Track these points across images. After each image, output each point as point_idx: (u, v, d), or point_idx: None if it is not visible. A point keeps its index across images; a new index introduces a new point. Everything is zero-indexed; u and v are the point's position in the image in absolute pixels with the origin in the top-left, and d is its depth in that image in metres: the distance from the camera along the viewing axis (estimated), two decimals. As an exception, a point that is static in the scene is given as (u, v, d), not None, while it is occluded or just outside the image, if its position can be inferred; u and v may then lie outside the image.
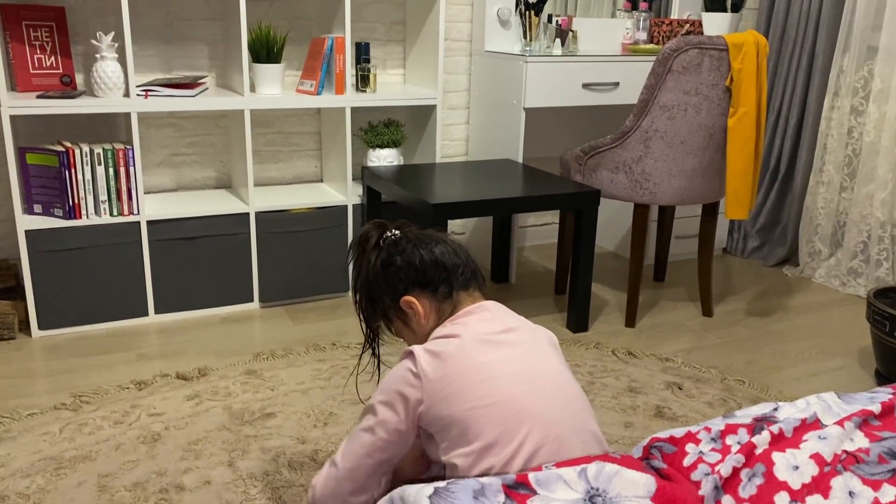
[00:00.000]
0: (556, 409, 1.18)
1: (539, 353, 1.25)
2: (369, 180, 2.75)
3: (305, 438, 1.97)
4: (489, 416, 1.14)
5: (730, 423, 1.12)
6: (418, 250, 1.31)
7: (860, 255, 3.16)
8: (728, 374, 2.40)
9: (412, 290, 1.31)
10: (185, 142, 2.91)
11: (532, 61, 2.86)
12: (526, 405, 1.16)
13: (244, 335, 2.58)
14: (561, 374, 1.24)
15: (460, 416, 1.15)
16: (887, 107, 3.00)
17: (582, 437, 1.18)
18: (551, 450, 1.14)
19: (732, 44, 2.46)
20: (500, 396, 1.15)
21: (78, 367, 2.32)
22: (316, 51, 2.77)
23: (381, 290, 1.34)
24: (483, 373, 1.17)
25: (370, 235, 1.37)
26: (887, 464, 0.98)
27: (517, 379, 1.18)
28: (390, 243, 1.35)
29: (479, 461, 1.13)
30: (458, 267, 1.32)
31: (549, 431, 1.15)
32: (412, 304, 1.31)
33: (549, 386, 1.20)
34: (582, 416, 1.21)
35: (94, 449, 1.89)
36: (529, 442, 1.13)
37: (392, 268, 1.32)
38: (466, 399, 1.16)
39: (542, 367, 1.22)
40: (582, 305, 2.65)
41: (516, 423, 1.14)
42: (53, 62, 2.58)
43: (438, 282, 1.30)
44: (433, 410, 1.19)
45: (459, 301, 1.32)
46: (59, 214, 2.49)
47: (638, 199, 2.64)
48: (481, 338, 1.22)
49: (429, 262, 1.30)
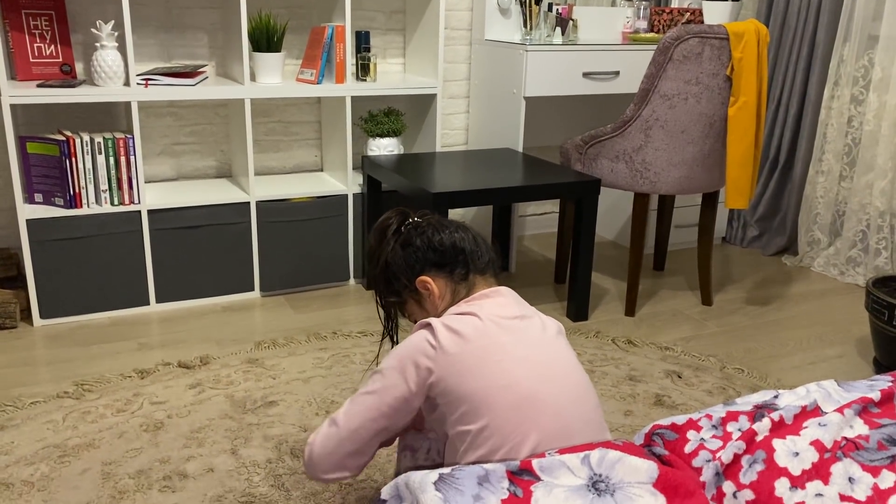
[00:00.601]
0: (565, 396, 1.19)
1: (550, 341, 1.27)
2: (369, 169, 2.75)
3: (307, 426, 1.98)
4: (500, 398, 1.16)
5: (731, 411, 1.13)
6: (438, 233, 1.34)
7: (859, 244, 3.17)
8: (727, 362, 2.41)
9: (429, 270, 1.34)
10: (186, 131, 2.91)
11: (532, 50, 2.86)
12: (536, 391, 1.17)
13: (245, 324, 2.59)
14: (570, 363, 1.26)
15: (471, 393, 1.17)
16: (887, 96, 3.01)
17: (590, 424, 1.20)
18: (559, 436, 1.15)
19: (733, 33, 2.45)
20: (511, 379, 1.17)
21: (80, 356, 2.33)
22: (316, 40, 2.76)
23: (400, 269, 1.36)
24: (498, 354, 1.19)
25: (391, 221, 1.40)
26: (886, 450, 0.99)
27: (529, 365, 1.20)
28: (411, 227, 1.37)
29: (486, 440, 1.15)
30: (477, 251, 1.35)
31: (557, 418, 1.17)
32: (428, 283, 1.33)
33: (559, 374, 1.22)
34: (590, 405, 1.23)
35: (97, 437, 1.90)
36: (537, 427, 1.15)
37: (411, 248, 1.35)
38: (479, 377, 1.17)
39: (552, 355, 1.24)
40: (582, 294, 2.66)
41: (526, 407, 1.16)
42: (53, 51, 2.57)
43: (456, 264, 1.33)
44: (444, 383, 1.20)
45: (475, 284, 1.34)
46: (60, 203, 2.50)
47: (638, 189, 2.64)
48: (497, 321, 1.24)
49: (448, 245, 1.33)
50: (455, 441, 1.21)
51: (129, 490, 1.70)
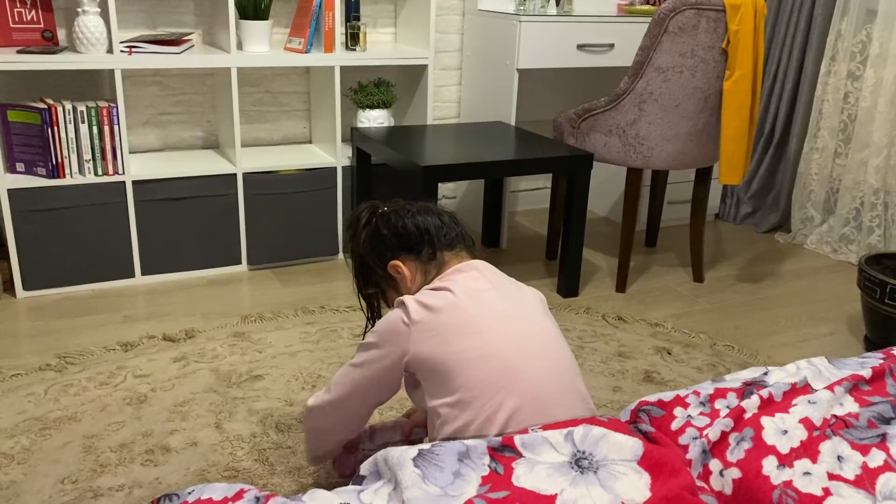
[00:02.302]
0: (541, 367, 1.20)
1: (527, 312, 1.28)
2: (359, 142, 2.71)
3: (293, 401, 1.95)
4: (473, 369, 1.17)
5: (719, 388, 1.11)
6: (402, 218, 1.39)
7: (852, 221, 3.14)
8: (717, 339, 2.39)
9: (398, 254, 1.38)
10: (172, 101, 2.85)
11: (526, 21, 2.80)
12: (511, 362, 1.18)
13: (232, 297, 2.56)
14: (548, 333, 1.26)
15: (445, 365, 1.19)
16: (885, 71, 2.97)
17: (567, 395, 1.20)
18: (534, 408, 1.16)
19: (730, 5, 2.41)
20: (486, 351, 1.18)
21: (63, 328, 2.30)
22: (305, 7, 2.70)
23: (372, 260, 1.41)
24: (471, 326, 1.20)
25: (362, 215, 1.45)
26: (876, 428, 0.97)
27: (504, 336, 1.21)
28: (378, 217, 1.42)
29: (462, 412, 1.16)
30: (442, 228, 1.38)
31: (533, 389, 1.17)
32: (398, 266, 1.38)
33: (535, 344, 1.22)
34: (568, 376, 1.23)
35: (79, 410, 1.88)
36: (512, 398, 1.15)
37: (378, 237, 1.40)
38: (452, 350, 1.19)
39: (529, 325, 1.25)
40: (573, 270, 2.63)
41: (500, 378, 1.16)
42: (34, 16, 2.51)
43: (422, 244, 1.36)
44: (419, 358, 1.22)
45: (445, 261, 1.37)
46: (43, 173, 2.45)
47: (631, 163, 2.61)
48: (470, 293, 1.26)
49: (411, 227, 1.37)
50: (433, 416, 1.23)
51: (111, 464, 1.68)
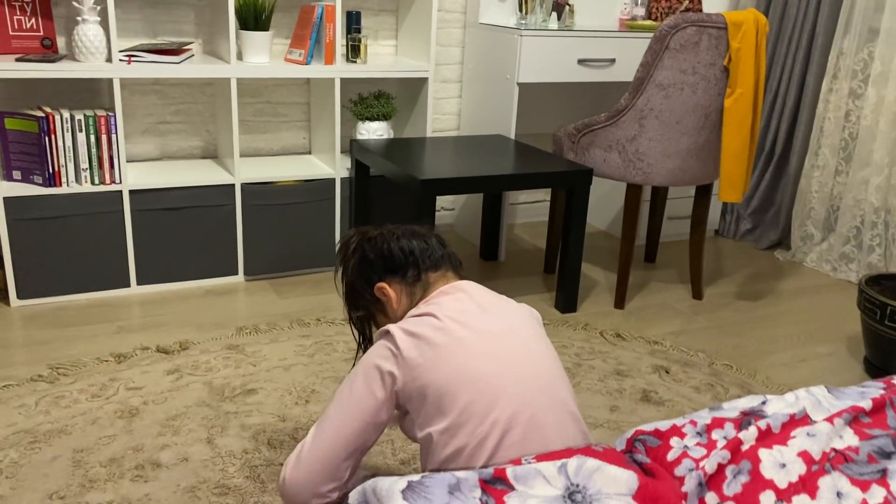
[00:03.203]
0: (531, 387, 1.18)
1: (518, 332, 1.26)
2: (358, 153, 2.70)
3: (286, 416, 1.93)
4: (462, 394, 1.16)
5: (716, 417, 1.09)
6: (387, 242, 1.40)
7: (853, 240, 3.13)
8: (716, 358, 2.37)
9: (384, 277, 1.39)
10: (171, 110, 2.84)
11: (527, 35, 2.79)
12: (500, 384, 1.17)
13: (227, 308, 2.54)
14: (538, 353, 1.25)
15: (435, 390, 1.18)
16: (886, 90, 2.96)
17: (559, 416, 1.19)
18: (526, 429, 1.15)
19: (732, 22, 2.40)
20: (474, 374, 1.17)
21: (56, 338, 2.28)
22: (305, 19, 2.69)
23: (360, 284, 1.43)
24: (458, 351, 1.19)
25: (351, 241, 1.46)
26: (877, 463, 0.95)
27: (492, 358, 1.19)
28: (365, 242, 1.43)
29: (452, 438, 1.14)
30: (427, 250, 1.39)
31: (523, 410, 1.16)
32: (383, 289, 1.38)
33: (525, 365, 1.21)
34: (559, 395, 1.22)
35: (70, 423, 1.86)
36: (503, 419, 1.14)
37: (365, 261, 1.41)
38: (441, 376, 1.18)
39: (519, 346, 1.23)
40: (571, 285, 2.62)
41: (490, 400, 1.15)
42: (34, 24, 2.50)
43: (407, 266, 1.37)
44: (409, 387, 1.21)
45: (430, 282, 1.37)
46: (39, 182, 2.43)
47: (631, 179, 2.59)
48: (456, 317, 1.25)
49: (396, 250, 1.38)
50: (424, 444, 1.21)
51: (100, 479, 1.66)
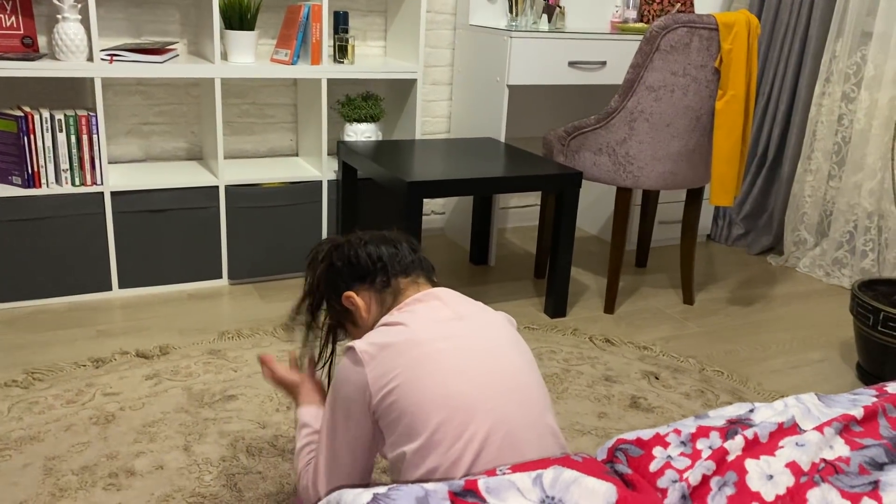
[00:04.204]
0: (508, 403, 1.13)
1: (494, 343, 1.20)
2: (345, 156, 2.66)
3: (266, 423, 1.89)
4: (436, 413, 1.10)
5: (702, 426, 1.05)
6: (354, 248, 1.34)
7: (846, 245, 3.10)
8: (707, 364, 2.34)
9: (352, 285, 1.33)
10: (155, 110, 2.79)
11: (517, 37, 2.76)
12: (475, 401, 1.11)
13: (211, 313, 2.50)
14: (516, 365, 1.19)
15: (407, 409, 1.11)
16: (879, 94, 2.93)
17: (536, 430, 1.14)
18: (502, 445, 1.09)
19: (723, 23, 2.37)
20: (447, 392, 1.11)
21: (34, 343, 2.23)
22: (292, 19, 2.65)
23: (329, 294, 1.36)
24: (430, 365, 1.13)
25: (320, 250, 1.40)
26: (868, 475, 0.91)
27: (467, 374, 1.13)
28: (333, 250, 1.37)
29: (424, 458, 1.09)
30: (396, 255, 1.32)
31: (498, 427, 1.10)
32: (351, 298, 1.32)
33: (501, 378, 1.15)
34: (538, 409, 1.16)
35: (42, 429, 1.81)
36: (478, 437, 1.09)
37: (332, 270, 1.35)
38: (414, 393, 1.11)
39: (497, 359, 1.17)
40: (561, 290, 2.58)
41: (464, 419, 1.09)
42: (14, 22, 2.45)
43: (375, 273, 1.31)
44: (382, 403, 1.14)
45: (401, 289, 1.30)
46: (18, 183, 2.39)
47: (621, 183, 2.56)
48: (429, 327, 1.18)
49: (363, 256, 1.32)
50: (394, 464, 1.14)
51: (71, 488, 1.61)
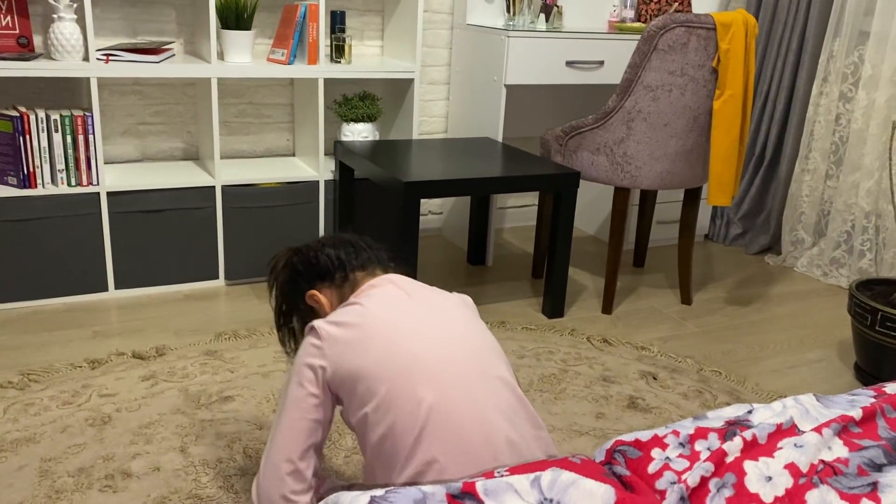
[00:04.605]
0: (458, 357, 1.20)
1: (445, 313, 1.29)
2: (342, 156, 2.65)
3: (263, 424, 1.88)
4: (391, 371, 1.18)
5: (700, 427, 1.04)
6: (314, 251, 1.43)
7: (843, 245, 3.10)
8: (705, 364, 2.33)
9: (314, 284, 1.41)
10: (151, 110, 2.79)
11: (514, 36, 2.75)
12: (426, 356, 1.19)
13: (207, 313, 2.49)
14: (467, 327, 1.27)
15: (363, 372, 1.19)
16: (877, 94, 2.93)
17: (489, 382, 1.20)
18: (454, 395, 1.16)
19: (720, 23, 2.36)
20: (399, 351, 1.19)
21: (30, 344, 2.22)
22: (288, 18, 2.65)
23: (292, 294, 1.44)
24: (382, 331, 1.22)
25: (280, 257, 1.48)
26: (867, 476, 0.91)
27: (418, 335, 1.22)
28: (292, 256, 1.45)
29: (385, 414, 1.16)
30: (353, 253, 1.42)
31: (450, 377, 1.17)
32: (314, 296, 1.40)
33: (451, 338, 1.23)
34: (488, 362, 1.23)
35: (38, 431, 1.80)
36: (431, 391, 1.16)
37: (294, 273, 1.43)
38: (369, 356, 1.19)
39: (446, 324, 1.26)
40: (558, 290, 2.57)
41: (417, 373, 1.17)
42: (9, 22, 2.44)
43: (335, 270, 1.39)
44: (339, 373, 1.22)
45: (358, 280, 1.39)
46: (13, 183, 2.38)
47: (618, 183, 2.55)
48: (383, 303, 1.27)
49: (322, 257, 1.41)
50: (359, 429, 1.21)
51: (67, 489, 1.60)
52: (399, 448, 1.14)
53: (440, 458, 1.12)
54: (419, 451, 1.13)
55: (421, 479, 1.12)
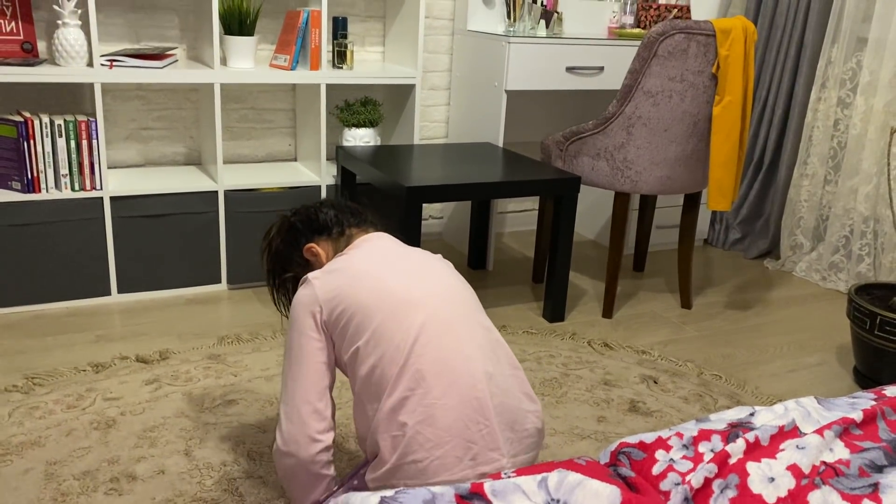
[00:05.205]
0: (440, 300, 1.32)
1: (429, 264, 1.40)
2: (344, 160, 2.66)
3: (266, 427, 1.89)
4: (380, 307, 1.29)
5: (703, 429, 1.06)
6: (311, 209, 1.54)
7: (842, 249, 3.12)
8: (705, 368, 2.35)
9: (311, 238, 1.52)
10: (154, 115, 2.80)
11: (515, 42, 2.77)
12: (411, 296, 1.31)
13: (210, 317, 2.50)
14: (450, 278, 1.39)
15: (355, 309, 1.30)
16: (875, 99, 2.95)
17: (467, 324, 1.32)
18: (438, 332, 1.27)
19: (720, 29, 2.38)
20: (388, 289, 1.31)
21: (33, 348, 2.23)
22: (291, 24, 2.66)
23: (290, 250, 1.54)
24: (371, 273, 1.34)
25: (273, 225, 1.59)
26: (868, 477, 0.92)
27: (404, 278, 1.34)
28: (290, 215, 1.57)
29: (375, 348, 1.27)
30: (347, 210, 1.54)
31: (434, 316, 1.28)
32: (313, 248, 1.50)
33: (436, 283, 1.35)
34: (466, 306, 1.35)
35: (43, 434, 1.81)
36: (416, 324, 1.27)
37: (293, 229, 1.54)
38: (360, 295, 1.31)
39: (431, 272, 1.38)
40: (559, 294, 2.59)
41: (404, 309, 1.28)
42: (14, 28, 2.46)
43: (332, 225, 1.51)
44: (333, 313, 1.32)
45: (352, 235, 1.50)
46: (17, 188, 2.39)
47: (619, 188, 2.57)
48: (371, 254, 1.40)
49: (321, 213, 1.53)
50: (350, 366, 1.32)
51: (73, 492, 1.61)
52: (386, 376, 1.25)
53: (423, 384, 1.23)
54: (404, 378, 1.24)
55: (406, 403, 1.23)
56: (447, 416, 1.22)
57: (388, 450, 1.24)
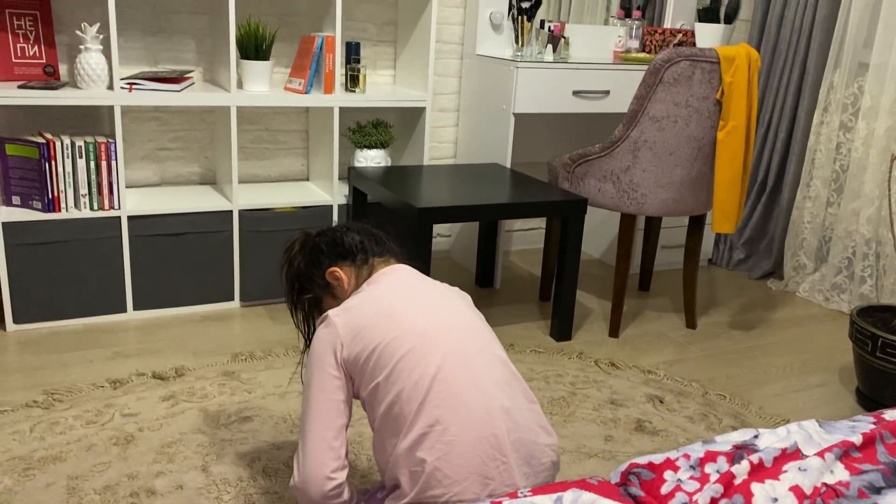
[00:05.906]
0: (458, 335, 1.34)
1: (447, 298, 1.43)
2: (355, 181, 2.72)
3: (281, 444, 1.94)
4: (398, 342, 1.31)
5: (709, 450, 1.11)
6: (337, 233, 1.55)
7: (844, 270, 3.16)
8: (709, 388, 2.39)
9: (335, 262, 1.52)
10: (170, 136, 2.87)
11: (523, 66, 2.84)
12: (431, 332, 1.33)
13: (223, 335, 2.55)
14: (466, 312, 1.42)
15: (375, 345, 1.32)
16: (876, 123, 3.01)
17: (485, 356, 1.34)
18: (456, 366, 1.29)
19: (724, 57, 2.44)
20: (408, 327, 1.33)
21: (52, 364, 2.28)
22: (305, 49, 2.73)
23: (311, 271, 1.54)
24: (391, 310, 1.35)
25: (297, 239, 1.60)
26: (867, 498, 0.97)
27: (424, 314, 1.36)
28: (316, 235, 1.57)
29: (394, 384, 1.29)
30: (373, 239, 1.55)
31: (452, 352, 1.31)
32: (336, 272, 1.51)
33: (451, 318, 1.37)
34: (486, 342, 1.37)
35: (64, 449, 1.86)
36: (435, 360, 1.29)
37: (316, 250, 1.54)
38: (378, 333, 1.32)
39: (448, 307, 1.40)
40: (566, 313, 2.63)
41: (423, 346, 1.30)
42: (37, 52, 2.53)
43: (356, 251, 1.51)
44: (353, 351, 1.34)
45: (374, 265, 1.51)
46: (38, 207, 2.45)
47: (625, 209, 2.62)
48: (392, 288, 1.42)
49: (347, 238, 1.53)
50: (369, 402, 1.34)
51: (95, 507, 1.66)
52: (405, 413, 1.27)
53: (442, 421, 1.25)
54: (423, 414, 1.26)
55: (424, 439, 1.25)
56: (465, 454, 1.24)
57: (408, 484, 1.27)
